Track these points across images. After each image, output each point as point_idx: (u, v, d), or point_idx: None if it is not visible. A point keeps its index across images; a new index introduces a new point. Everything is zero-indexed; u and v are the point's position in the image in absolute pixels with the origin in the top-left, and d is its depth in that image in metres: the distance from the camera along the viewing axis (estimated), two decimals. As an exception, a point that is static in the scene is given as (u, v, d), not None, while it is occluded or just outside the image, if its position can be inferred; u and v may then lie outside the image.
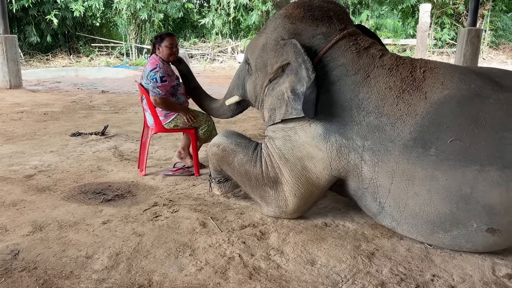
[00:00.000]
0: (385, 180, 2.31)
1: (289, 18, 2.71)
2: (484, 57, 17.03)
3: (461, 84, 2.26)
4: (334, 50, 2.56)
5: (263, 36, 2.84)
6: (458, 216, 2.13)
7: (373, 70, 2.46)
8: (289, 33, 2.65)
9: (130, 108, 7.22)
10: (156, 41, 3.58)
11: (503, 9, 17.88)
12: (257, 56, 2.87)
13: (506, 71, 2.49)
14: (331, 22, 2.66)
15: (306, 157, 2.55)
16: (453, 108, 2.18)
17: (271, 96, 2.71)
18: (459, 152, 2.09)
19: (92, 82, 11.10)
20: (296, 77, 2.49)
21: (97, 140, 4.86)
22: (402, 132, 2.24)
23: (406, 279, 2.11)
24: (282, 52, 2.63)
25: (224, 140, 2.87)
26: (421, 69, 2.40)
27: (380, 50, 2.59)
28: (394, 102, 2.32)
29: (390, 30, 20.42)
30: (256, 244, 2.44)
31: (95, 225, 2.66)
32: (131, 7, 16.05)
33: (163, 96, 3.47)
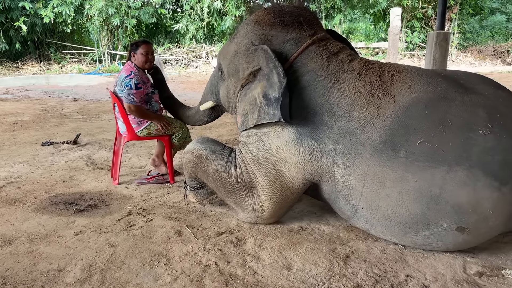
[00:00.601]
0: (357, 183, 2.33)
1: (260, 24, 2.72)
2: (453, 59, 17.49)
3: (428, 87, 2.31)
4: (304, 55, 2.58)
5: (235, 42, 2.84)
6: (428, 216, 2.17)
7: (343, 75, 2.49)
8: (260, 39, 2.67)
9: (103, 115, 7.10)
10: (132, 48, 3.56)
11: (470, 12, 18.42)
12: (229, 62, 2.87)
13: (469, 73, 2.56)
14: (301, 27, 2.68)
15: (280, 162, 2.55)
16: (421, 111, 2.23)
17: (243, 101, 2.70)
18: (427, 154, 2.14)
19: (64, 90, 10.88)
20: (268, 82, 2.50)
21: (69, 149, 4.76)
22: (373, 135, 2.27)
23: (380, 280, 2.13)
24: (253, 58, 2.64)
25: (198, 147, 2.86)
26: (389, 73, 2.45)
27: (349, 55, 2.62)
28: (364, 106, 2.36)
29: (362, 34, 20.74)
30: (233, 250, 2.43)
31: (67, 236, 2.60)
32: (103, 13, 15.83)
33: (137, 104, 3.43)
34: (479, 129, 2.12)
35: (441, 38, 7.14)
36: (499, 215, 2.11)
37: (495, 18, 20.07)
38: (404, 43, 18.05)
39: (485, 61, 17.33)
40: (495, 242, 2.48)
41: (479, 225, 2.14)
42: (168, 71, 15.82)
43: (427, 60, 7.49)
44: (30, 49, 16.79)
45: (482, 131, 2.11)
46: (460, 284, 2.09)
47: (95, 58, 17.29)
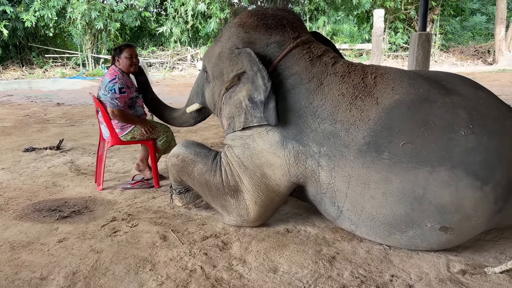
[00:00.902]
0: (342, 185, 2.35)
1: (243, 27, 2.71)
2: (436, 59, 17.75)
3: (410, 88, 2.33)
4: (288, 58, 2.58)
5: (219, 44, 2.83)
6: (412, 216, 2.19)
7: (326, 77, 2.50)
8: (243, 42, 2.66)
9: (87, 120, 7.03)
10: (116, 52, 3.54)
11: (451, 13, 18.73)
12: (213, 65, 2.87)
13: (450, 74, 2.58)
14: (285, 30, 2.67)
15: (265, 164, 2.56)
16: (404, 113, 2.25)
17: (228, 104, 2.70)
18: (411, 155, 2.15)
19: (46, 95, 10.75)
20: (253, 85, 2.51)
21: (52, 155, 4.70)
22: (356, 137, 2.29)
23: (366, 281, 2.15)
24: (237, 61, 2.64)
25: (183, 150, 2.85)
26: (372, 75, 2.46)
27: (332, 58, 2.63)
28: (347, 109, 2.37)
29: (346, 36, 20.93)
30: (218, 254, 2.42)
31: (50, 244, 2.56)
32: (85, 16, 15.72)
33: (121, 108, 3.40)
34: (460, 130, 2.14)
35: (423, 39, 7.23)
36: (481, 214, 2.14)
37: (475, 19, 20.44)
38: (387, 44, 18.27)
39: (466, 61, 17.62)
40: (478, 240, 2.52)
41: (462, 224, 2.16)
42: (152, 74, 15.74)
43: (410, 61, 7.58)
44: (11, 53, 16.59)
45: (464, 131, 2.14)
46: (444, 283, 2.12)
47: (78, 62, 17.15)
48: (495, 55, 16.74)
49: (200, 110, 3.33)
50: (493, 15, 18.09)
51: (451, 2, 18.49)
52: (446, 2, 18.25)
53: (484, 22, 20.40)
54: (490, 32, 19.19)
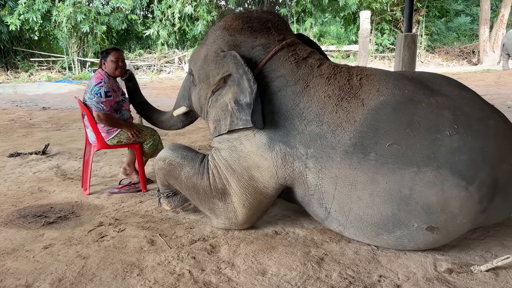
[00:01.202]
0: (329, 186, 2.35)
1: (228, 30, 2.70)
2: (422, 60, 17.94)
3: (395, 90, 2.34)
4: (274, 61, 2.58)
5: (204, 47, 2.83)
6: (399, 217, 2.20)
7: (312, 79, 2.51)
8: (229, 45, 2.66)
9: (73, 124, 6.96)
10: (102, 56, 3.52)
11: (437, 14, 18.95)
12: (199, 68, 2.86)
13: (435, 74, 2.60)
14: (270, 33, 2.67)
15: (253, 167, 2.55)
16: (389, 114, 2.26)
17: (215, 107, 2.69)
18: (397, 156, 2.17)
19: (32, 99, 10.63)
20: (239, 88, 2.50)
21: (38, 160, 4.64)
22: (343, 139, 2.30)
23: (354, 282, 2.15)
24: (223, 64, 2.63)
25: (170, 154, 2.83)
26: (358, 77, 2.47)
27: (318, 60, 2.63)
28: (334, 110, 2.38)
29: (333, 37, 21.07)
30: (207, 258, 2.41)
31: (36, 250, 2.52)
32: (71, 19, 15.58)
33: (107, 112, 3.37)
34: (445, 130, 2.16)
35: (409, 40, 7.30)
36: (467, 214, 2.16)
37: (460, 20, 20.71)
38: (374, 46, 18.43)
39: (452, 61, 17.84)
40: (464, 239, 2.54)
41: (448, 224, 2.18)
42: (140, 77, 15.67)
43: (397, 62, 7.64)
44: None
45: (449, 132, 2.16)
46: (431, 282, 2.13)
47: (64, 66, 17.00)
48: (480, 55, 16.98)
49: (187, 113, 3.32)
50: (477, 16, 18.35)
51: (436, 3, 18.72)
52: (431, 3, 18.47)
53: (468, 23, 20.69)
54: (474, 32, 19.46)
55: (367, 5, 16.88)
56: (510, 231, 2.67)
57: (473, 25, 20.31)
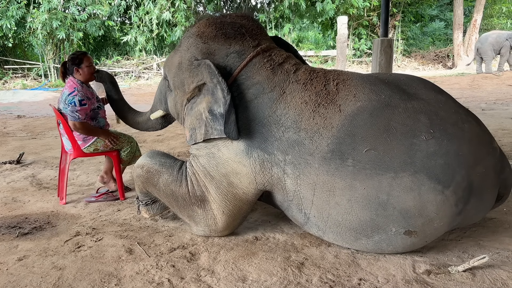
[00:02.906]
0: (307, 192, 2.35)
1: (201, 37, 2.65)
2: (399, 64, 18.23)
3: (372, 95, 2.34)
4: (249, 68, 2.55)
5: (178, 54, 2.78)
6: (377, 222, 2.22)
7: (289, 85, 2.49)
8: (202, 53, 2.62)
9: (49, 132, 6.83)
10: (75, 64, 3.39)
11: (412, 19, 19.31)
12: (174, 75, 2.81)
13: (411, 77, 2.62)
14: (244, 39, 2.64)
15: (231, 173, 2.54)
16: (366, 119, 2.26)
17: (190, 115, 2.66)
18: (374, 161, 2.18)
19: (6, 107, 10.39)
20: (213, 97, 2.48)
21: (12, 170, 4.53)
22: (320, 145, 2.30)
23: (335, 286, 2.15)
24: (197, 73, 2.60)
25: (148, 161, 2.80)
26: (334, 82, 2.46)
27: (294, 65, 2.61)
28: (311, 117, 2.37)
29: (312, 42, 21.24)
30: (186, 266, 2.38)
31: (10, 263, 2.45)
32: (46, 26, 15.32)
33: (83, 121, 3.31)
34: (421, 135, 2.17)
35: (385, 45, 7.41)
36: (443, 217, 2.19)
37: (434, 25, 21.13)
38: (352, 50, 18.64)
39: (428, 65, 18.18)
40: (442, 240, 2.58)
41: (425, 227, 2.21)
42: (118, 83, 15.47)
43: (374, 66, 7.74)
44: (-32, 65, 15.98)
45: (425, 136, 2.17)
46: (410, 284, 2.15)
47: (40, 73, 16.70)
48: (454, 59, 17.34)
49: (165, 116, 3.28)
50: (451, 21, 18.76)
51: (411, 8, 19.07)
52: (407, 8, 18.81)
53: (443, 27, 21.12)
54: (448, 37, 19.87)
55: (344, 10, 17.07)
56: (486, 231, 2.71)
57: (447, 29, 20.74)
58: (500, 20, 20.64)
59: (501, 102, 8.53)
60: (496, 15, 20.53)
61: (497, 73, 13.92)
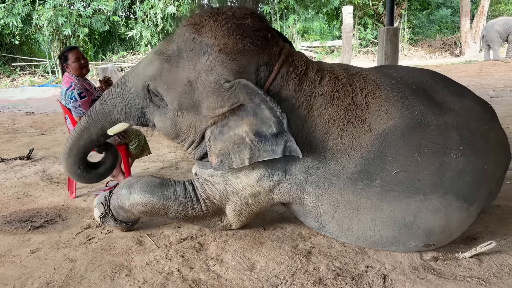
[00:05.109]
0: (329, 209, 2.31)
1: (227, 52, 2.16)
2: (405, 53, 18.07)
3: (404, 111, 2.20)
4: (277, 81, 2.25)
5: (186, 70, 2.26)
6: (399, 238, 2.26)
7: (315, 100, 2.26)
8: (234, 72, 2.18)
9: (57, 128, 6.89)
10: (62, 61, 3.46)
11: (418, 7, 19.11)
12: (179, 94, 2.31)
13: (431, 76, 2.48)
14: (268, 45, 2.27)
15: (249, 197, 2.44)
16: (398, 139, 2.15)
17: (219, 140, 2.27)
18: (403, 183, 2.13)
19: (15, 104, 10.48)
20: (257, 119, 2.16)
21: (23, 165, 4.59)
22: (347, 166, 2.19)
23: (342, 273, 2.18)
24: (230, 96, 2.19)
25: (149, 198, 2.52)
26: (363, 93, 2.27)
27: (317, 72, 2.33)
28: (338, 135, 2.21)
29: (317, 33, 21.11)
30: (195, 256, 2.42)
31: (23, 255, 2.51)
32: (52, 22, 15.38)
33: (88, 114, 3.34)
34: (451, 153, 2.13)
35: (391, 34, 7.37)
36: (463, 229, 2.28)
37: (441, 12, 20.88)
38: (357, 40, 18.51)
39: (434, 54, 18.01)
40: (449, 227, 2.59)
41: (444, 240, 2.29)
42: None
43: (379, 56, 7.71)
44: (-24, 63, 16.12)
45: (455, 154, 2.13)
46: (417, 270, 2.17)
47: (47, 70, 16.79)
48: (462, 47, 17.15)
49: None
50: (458, 8, 18.53)
51: (417, -4, 18.88)
52: (413, -4, 18.63)
53: (450, 15, 20.87)
54: (456, 24, 19.64)
55: (349, 0, 16.95)
56: (493, 218, 2.72)
57: (454, 17, 20.50)
58: (508, 6, 20.37)
59: (509, 89, 8.45)
60: (503, 1, 20.25)
61: (505, 59, 13.76)
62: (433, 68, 12.75)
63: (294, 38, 18.86)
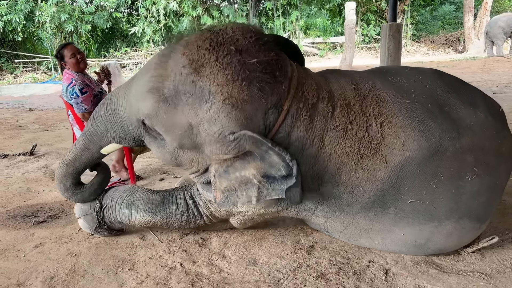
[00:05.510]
0: (338, 227, 2.30)
1: (232, 103, 1.92)
2: (408, 50, 18.03)
3: (422, 141, 2.06)
4: (286, 121, 2.05)
5: (186, 114, 2.01)
6: (406, 253, 2.29)
7: (327, 135, 2.09)
8: (240, 124, 1.96)
9: (60, 124, 6.92)
10: (58, 59, 3.49)
11: (421, 3, 19.02)
12: (180, 137, 2.12)
13: (443, 84, 2.27)
14: (276, 81, 2.00)
15: (256, 215, 2.40)
16: (414, 170, 2.06)
17: (225, 178, 2.13)
18: (418, 211, 2.09)
19: (18, 100, 10.52)
20: (265, 163, 2.03)
21: (26, 161, 4.61)
22: (361, 198, 2.13)
23: (344, 268, 2.19)
24: (235, 146, 2.02)
25: (151, 217, 2.47)
26: (377, 121, 2.10)
27: (328, 101, 2.12)
28: (352, 170, 2.09)
29: (320, 29, 21.07)
30: (198, 251, 2.43)
31: (27, 250, 2.52)
32: (55, 19, 15.42)
33: (90, 110, 3.36)
34: (466, 175, 2.06)
35: (394, 30, 7.35)
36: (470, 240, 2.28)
37: (445, 8, 20.82)
38: (360, 36, 18.47)
39: (438, 50, 17.96)
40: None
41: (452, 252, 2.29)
42: (126, 75, 15.54)
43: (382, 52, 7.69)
44: (-21, 60, 16.16)
45: (469, 176, 2.06)
46: (419, 265, 2.17)
47: (50, 66, 16.82)
48: (465, 43, 17.10)
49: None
50: (462, 4, 18.45)
51: (420, -8, 18.80)
52: (416, -8, 18.55)
53: (453, 11, 20.80)
54: (459, 20, 19.58)
55: (352, -4, 16.89)
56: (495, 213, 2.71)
57: (457, 13, 20.43)
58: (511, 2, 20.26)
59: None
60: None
61: (508, 56, 13.71)
62: (436, 64, 12.72)
63: (296, 34, 18.83)
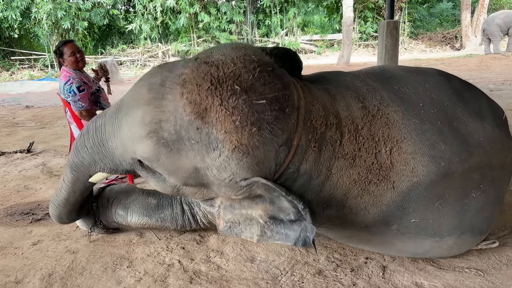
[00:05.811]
0: (339, 238, 2.34)
1: (242, 151, 1.76)
2: (406, 47, 18.05)
3: (431, 166, 1.99)
4: (296, 156, 1.93)
5: (191, 158, 1.81)
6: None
7: (335, 163, 2.00)
8: (251, 170, 1.82)
9: (57, 121, 6.90)
10: (57, 55, 3.48)
11: (419, 1, 19.04)
12: (184, 179, 1.94)
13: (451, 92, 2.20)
14: (285, 115, 1.82)
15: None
16: (420, 194, 2.02)
17: (230, 212, 2.08)
18: (421, 228, 2.08)
19: (14, 98, 10.48)
20: (274, 207, 1.96)
21: (23, 158, 4.60)
22: (365, 219, 2.09)
23: (341, 264, 2.20)
24: (246, 190, 1.92)
25: (147, 221, 2.52)
26: (387, 147, 2.01)
27: (336, 128, 2.00)
28: (359, 195, 2.04)
29: (317, 26, 21.06)
30: (196, 248, 2.43)
31: (24, 247, 2.52)
32: (51, 16, 15.35)
33: (88, 108, 3.35)
34: (472, 193, 2.04)
35: (391, 27, 7.36)
36: None
37: (442, 6, 20.84)
38: (358, 34, 18.48)
39: (435, 47, 17.98)
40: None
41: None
42: (124, 72, 15.52)
43: (380, 49, 7.70)
44: (-25, 57, 16.09)
45: (475, 193, 2.04)
46: (416, 262, 2.19)
47: (46, 63, 16.76)
48: (462, 40, 17.11)
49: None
50: (459, 1, 18.48)
51: (418, -10, 18.81)
52: (413, -10, 18.56)
53: (450, 8, 20.81)
54: (456, 18, 19.59)
55: (350, -7, 16.88)
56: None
57: (455, 10, 20.43)
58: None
59: (509, 82, 8.44)
60: (504, -6, 20.19)
61: (505, 53, 13.74)
62: (434, 61, 12.75)
63: (294, 32, 18.81)
